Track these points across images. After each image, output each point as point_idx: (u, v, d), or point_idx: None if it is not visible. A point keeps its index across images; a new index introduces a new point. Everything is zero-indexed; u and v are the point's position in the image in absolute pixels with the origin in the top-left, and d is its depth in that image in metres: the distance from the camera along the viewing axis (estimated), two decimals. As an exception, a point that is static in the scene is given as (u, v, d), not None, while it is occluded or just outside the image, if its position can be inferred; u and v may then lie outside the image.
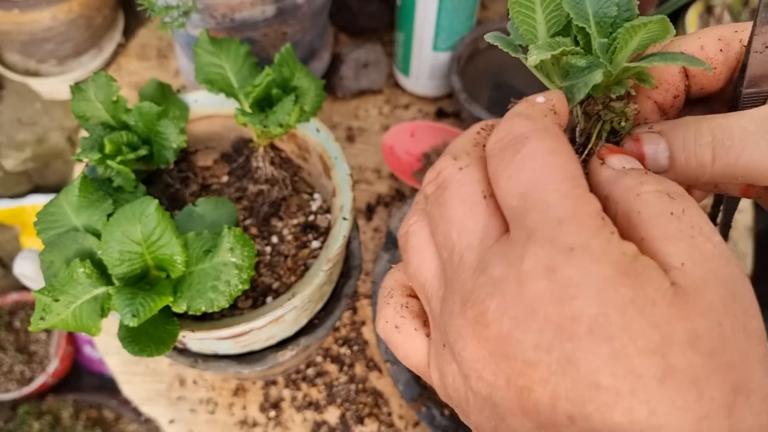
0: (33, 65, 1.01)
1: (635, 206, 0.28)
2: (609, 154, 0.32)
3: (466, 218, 0.29)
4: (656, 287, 0.25)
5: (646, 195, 0.28)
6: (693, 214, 0.27)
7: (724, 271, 0.26)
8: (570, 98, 0.33)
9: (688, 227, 0.27)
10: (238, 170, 0.68)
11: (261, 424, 0.79)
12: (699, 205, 0.29)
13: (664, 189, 0.28)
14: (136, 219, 0.51)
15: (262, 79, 0.61)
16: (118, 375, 0.83)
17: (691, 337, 0.24)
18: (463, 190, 0.30)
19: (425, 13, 0.85)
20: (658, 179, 0.29)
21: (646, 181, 0.29)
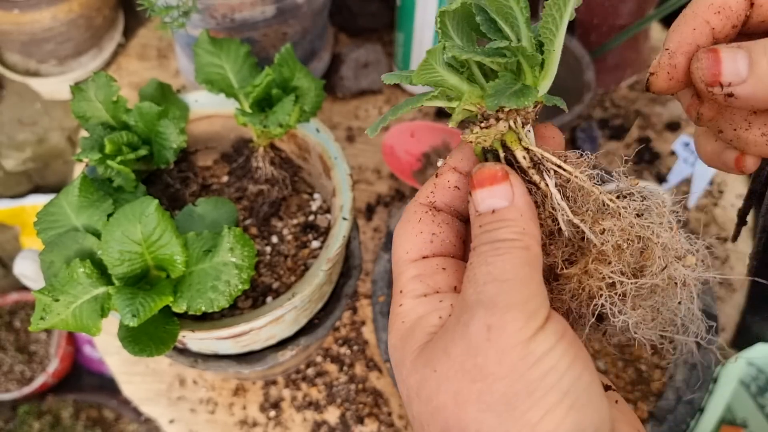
0: (33, 65, 1.01)
1: (469, 257, 0.32)
2: (473, 187, 0.33)
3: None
4: (411, 348, 0.31)
5: (471, 251, 0.31)
6: (476, 264, 0.30)
7: (465, 317, 0.29)
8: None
9: (468, 278, 0.30)
10: (238, 170, 0.68)
11: (261, 424, 0.79)
12: (508, 249, 0.30)
13: (475, 244, 0.31)
14: (136, 219, 0.51)
15: (262, 79, 0.61)
16: (118, 375, 0.83)
17: (417, 387, 0.30)
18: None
19: (425, 13, 0.85)
20: (484, 235, 0.31)
21: (476, 235, 0.32)
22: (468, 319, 0.29)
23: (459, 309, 0.30)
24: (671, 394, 0.72)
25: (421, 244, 0.34)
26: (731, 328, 0.86)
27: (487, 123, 0.34)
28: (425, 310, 0.32)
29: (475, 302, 0.29)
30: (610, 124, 0.97)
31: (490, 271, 0.29)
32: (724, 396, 0.74)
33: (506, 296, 0.28)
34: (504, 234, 0.31)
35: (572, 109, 0.82)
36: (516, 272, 0.29)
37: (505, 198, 0.32)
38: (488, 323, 0.28)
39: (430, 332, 0.31)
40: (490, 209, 0.32)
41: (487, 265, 0.30)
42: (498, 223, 0.31)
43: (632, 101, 1.00)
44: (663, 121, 0.98)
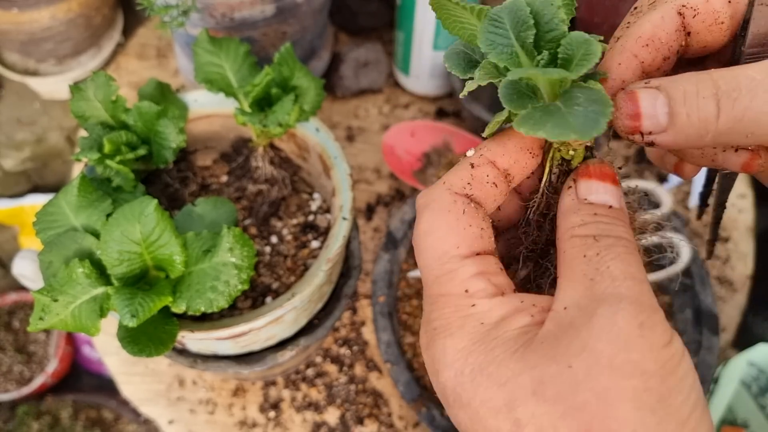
0: (32, 65, 1.01)
1: (564, 245, 0.30)
2: (583, 177, 0.32)
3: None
4: (506, 348, 0.28)
5: (576, 238, 0.30)
6: (606, 257, 0.28)
7: (605, 311, 0.27)
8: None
9: (593, 270, 0.28)
10: (237, 170, 0.68)
11: (260, 424, 0.79)
12: (632, 250, 0.29)
13: (595, 233, 0.29)
14: (135, 219, 0.51)
15: (262, 78, 0.60)
16: (117, 375, 0.83)
17: (535, 386, 0.26)
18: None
19: (425, 12, 0.85)
20: (601, 225, 0.30)
21: (588, 222, 0.30)
22: (611, 312, 0.26)
23: (585, 303, 0.27)
24: (672, 394, 0.72)
25: (472, 239, 0.30)
26: (732, 329, 0.85)
27: (575, 144, 0.32)
28: (507, 310, 0.29)
29: (615, 297, 0.27)
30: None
31: (627, 267, 0.28)
32: (725, 396, 0.73)
33: (648, 297, 0.27)
34: (623, 233, 0.29)
35: (573, 109, 0.82)
36: (645, 276, 0.28)
37: (618, 200, 0.31)
38: (640, 320, 0.26)
39: (526, 333, 0.28)
40: (606, 203, 0.30)
41: (621, 260, 0.28)
42: (617, 220, 0.30)
43: (633, 101, 1.00)
44: (663, 120, 0.98)
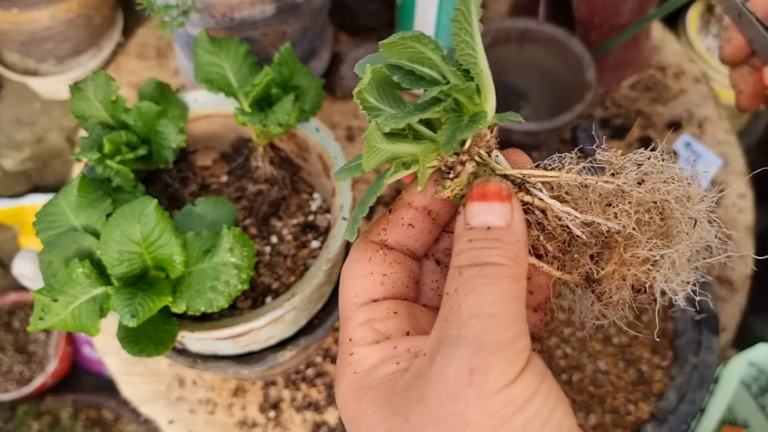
0: (32, 65, 1.01)
1: (448, 277, 0.29)
2: (469, 199, 0.31)
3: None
4: (371, 397, 0.28)
5: (451, 269, 0.29)
6: (461, 293, 0.27)
7: (441, 357, 0.27)
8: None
9: (448, 309, 0.28)
10: (237, 170, 0.68)
11: (260, 424, 0.79)
12: (496, 278, 0.28)
13: (463, 263, 0.29)
14: (135, 219, 0.51)
15: (262, 78, 0.60)
16: (117, 375, 0.83)
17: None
18: None
19: (425, 12, 0.85)
20: (472, 252, 0.29)
21: (463, 251, 0.29)
22: (446, 359, 0.26)
23: (434, 347, 0.27)
24: (672, 394, 0.72)
25: (371, 286, 0.32)
26: (732, 328, 0.85)
27: (456, 171, 0.32)
28: (379, 358, 0.29)
29: (456, 339, 0.26)
30: (611, 124, 0.97)
31: (477, 302, 0.27)
32: (725, 396, 0.73)
33: (493, 334, 0.26)
34: (495, 257, 0.28)
35: (573, 109, 0.82)
36: (505, 306, 0.27)
37: (502, 218, 0.29)
38: (471, 365, 0.25)
39: (389, 381, 0.28)
40: (485, 225, 0.29)
41: (474, 294, 0.27)
42: (492, 242, 0.28)
43: (633, 101, 1.00)
44: (664, 120, 0.98)
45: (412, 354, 0.29)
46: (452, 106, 0.33)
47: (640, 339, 0.77)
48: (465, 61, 0.32)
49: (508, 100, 0.94)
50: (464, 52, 0.32)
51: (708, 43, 1.06)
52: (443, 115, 0.32)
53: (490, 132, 0.33)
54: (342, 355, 0.31)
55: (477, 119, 0.31)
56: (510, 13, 1.06)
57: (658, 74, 1.02)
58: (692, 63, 1.04)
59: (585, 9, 0.91)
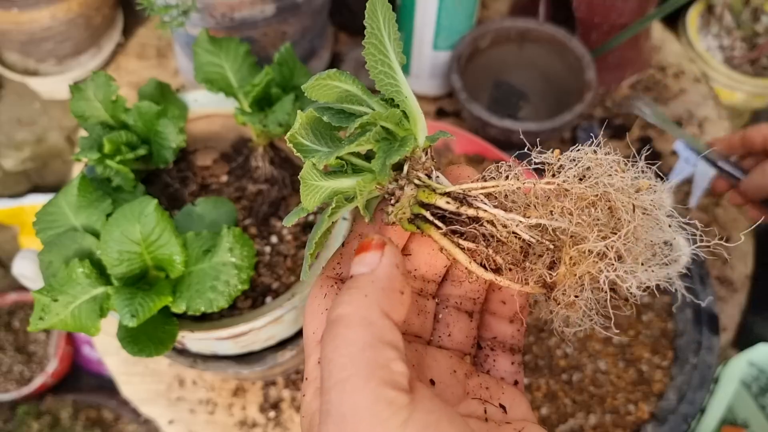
0: (32, 65, 1.01)
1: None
2: (356, 253, 0.31)
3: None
4: None
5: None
6: (323, 363, 0.26)
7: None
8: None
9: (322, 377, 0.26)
10: (237, 170, 0.68)
11: (260, 424, 0.79)
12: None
13: (323, 324, 0.29)
14: (135, 219, 0.51)
15: (262, 78, 0.60)
16: (117, 375, 0.83)
17: None
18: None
19: (425, 12, 0.85)
20: (332, 306, 0.28)
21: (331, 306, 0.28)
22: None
23: (318, 418, 0.26)
24: (672, 394, 0.72)
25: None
26: (732, 328, 0.85)
27: (396, 196, 0.33)
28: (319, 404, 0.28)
29: (325, 414, 0.25)
30: (611, 124, 0.97)
31: (331, 370, 0.25)
32: (726, 396, 0.73)
33: (350, 401, 0.24)
34: (341, 306, 0.27)
35: (573, 109, 0.82)
36: (355, 364, 0.25)
37: (368, 265, 0.29)
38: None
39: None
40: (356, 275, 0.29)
41: (327, 362, 0.26)
42: (344, 291, 0.28)
43: (633, 101, 1.00)
44: (664, 120, 0.98)
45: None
46: (383, 135, 0.33)
47: (641, 339, 0.77)
48: (387, 90, 0.33)
49: (508, 100, 0.94)
50: (384, 82, 0.32)
51: (708, 43, 1.06)
52: (375, 145, 0.33)
53: (425, 154, 0.33)
54: (301, 392, 0.30)
55: (404, 143, 0.32)
56: (510, 12, 1.06)
57: (658, 74, 1.02)
58: (692, 63, 1.04)
59: (585, 9, 0.90)
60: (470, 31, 0.90)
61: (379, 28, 0.32)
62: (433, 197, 0.32)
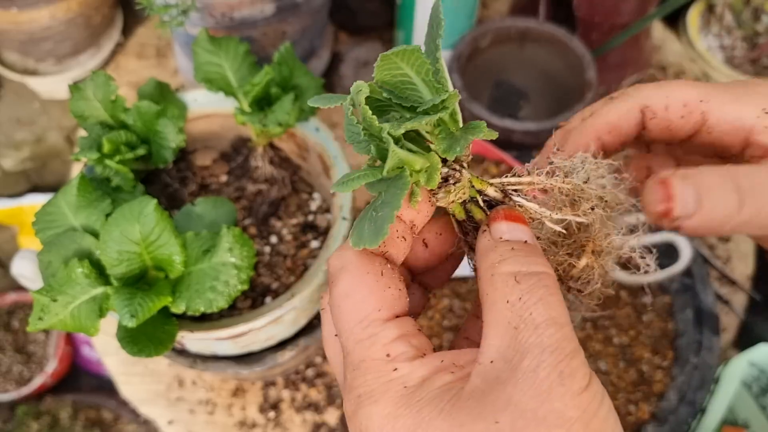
0: (31, 64, 1.00)
1: (486, 287, 0.30)
2: (494, 220, 0.33)
3: (331, 355, 0.34)
4: (433, 407, 0.28)
5: (497, 276, 0.30)
6: (528, 302, 0.29)
7: (529, 363, 0.28)
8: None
9: (517, 317, 0.29)
10: (237, 170, 0.68)
11: (260, 424, 0.78)
12: (553, 289, 0.29)
13: (516, 270, 0.30)
14: (134, 219, 0.51)
15: (262, 77, 0.60)
16: (116, 375, 0.82)
17: None
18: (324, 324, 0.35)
19: (425, 11, 0.85)
20: (519, 258, 0.30)
21: (506, 259, 0.30)
22: (535, 364, 0.27)
23: (511, 355, 0.28)
24: (673, 394, 0.72)
25: (392, 301, 0.31)
26: (733, 329, 0.85)
27: (455, 177, 0.34)
28: (429, 371, 0.29)
29: (536, 346, 0.28)
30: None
31: (549, 312, 0.28)
32: (726, 396, 0.73)
33: (568, 342, 0.28)
34: (543, 266, 0.30)
35: (573, 108, 0.82)
36: (567, 317, 0.29)
37: (528, 236, 0.32)
38: (560, 369, 0.27)
39: (450, 390, 0.28)
40: (521, 239, 0.31)
41: (543, 304, 0.28)
42: (534, 254, 0.31)
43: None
44: (664, 120, 0.98)
45: (461, 365, 0.30)
46: (438, 123, 0.34)
47: (641, 339, 0.77)
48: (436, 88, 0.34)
49: (509, 99, 0.94)
50: (433, 84, 0.34)
51: (708, 43, 1.06)
52: (433, 129, 0.34)
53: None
54: (375, 374, 0.29)
55: (474, 127, 0.33)
56: (510, 12, 1.06)
57: (658, 74, 1.02)
58: (693, 62, 1.04)
59: (585, 8, 0.90)
60: (470, 31, 0.90)
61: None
62: (485, 185, 0.35)
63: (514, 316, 0.29)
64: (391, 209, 0.31)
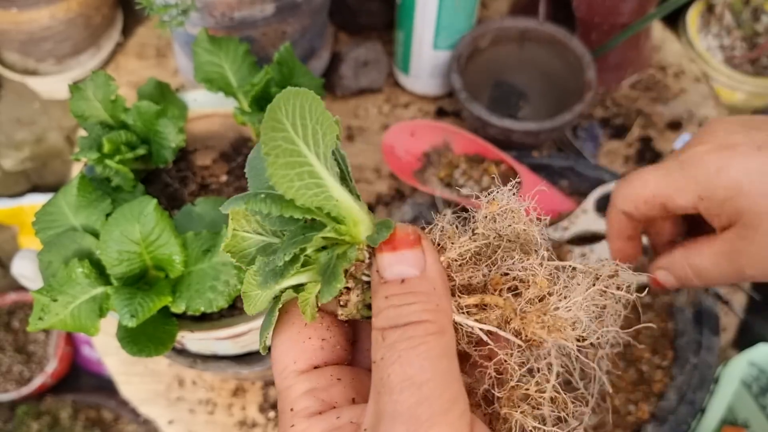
0: (31, 64, 1.01)
1: (372, 342, 0.28)
2: (379, 250, 0.28)
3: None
4: None
5: (373, 332, 0.27)
6: (388, 361, 0.26)
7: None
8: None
9: (378, 380, 0.26)
10: (237, 169, 0.68)
11: (260, 424, 0.78)
12: (421, 339, 0.26)
13: (383, 326, 0.27)
14: (134, 218, 0.51)
15: (261, 77, 0.60)
16: (116, 375, 0.82)
17: None
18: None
19: (425, 11, 0.85)
20: (390, 310, 0.27)
21: (381, 310, 0.27)
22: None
23: (372, 422, 0.26)
24: (673, 394, 0.72)
25: (310, 352, 0.30)
26: (733, 328, 0.85)
27: (344, 301, 0.30)
28: (321, 429, 0.28)
29: (392, 415, 0.25)
30: (611, 123, 0.97)
31: (405, 371, 0.25)
32: (726, 396, 0.73)
33: (428, 406, 0.25)
34: (416, 314, 0.26)
35: (573, 108, 0.82)
36: (434, 369, 0.25)
37: (415, 265, 0.27)
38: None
39: None
40: (399, 278, 0.27)
41: (401, 362, 0.25)
42: (408, 296, 0.27)
43: (633, 100, 0.99)
44: (664, 120, 0.98)
45: (355, 425, 0.28)
46: (321, 245, 0.30)
47: (641, 339, 0.77)
48: (313, 201, 0.28)
49: (508, 99, 0.94)
50: (307, 196, 0.28)
51: (708, 43, 1.06)
52: (315, 255, 0.30)
53: (368, 252, 0.30)
54: (282, 426, 0.29)
55: (343, 258, 0.29)
56: (510, 12, 1.06)
57: (658, 74, 1.02)
58: (692, 62, 1.04)
59: (585, 8, 0.90)
60: (470, 31, 0.90)
61: (287, 128, 0.27)
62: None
63: (377, 379, 0.26)
64: (261, 336, 0.30)
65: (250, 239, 0.31)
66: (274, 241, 0.30)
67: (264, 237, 0.31)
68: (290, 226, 0.29)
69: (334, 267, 0.28)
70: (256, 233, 0.31)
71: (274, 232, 0.31)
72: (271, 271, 0.28)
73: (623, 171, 0.93)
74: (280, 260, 0.27)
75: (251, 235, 0.31)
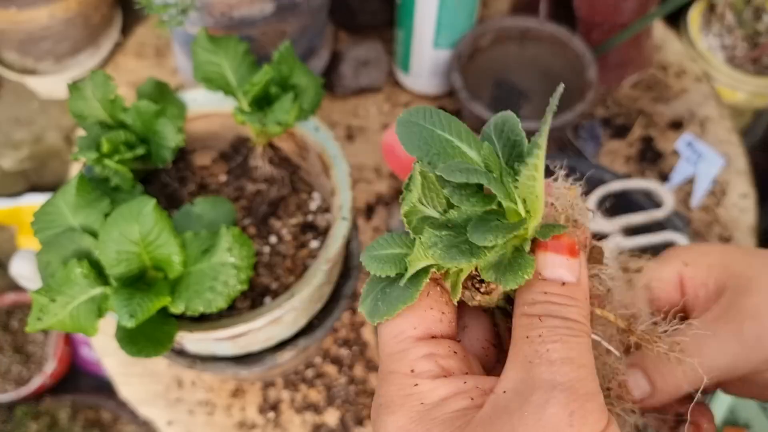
0: (30, 64, 1.00)
1: (515, 323, 0.30)
2: (538, 249, 0.31)
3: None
4: (442, 429, 0.28)
5: (524, 317, 0.30)
6: (547, 339, 0.28)
7: (538, 398, 0.27)
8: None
9: (533, 352, 0.28)
10: (236, 169, 0.68)
11: (260, 425, 0.78)
12: (578, 332, 0.29)
13: (541, 313, 0.29)
14: (133, 218, 0.51)
15: (261, 77, 0.60)
16: (115, 376, 0.82)
17: None
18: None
19: (426, 10, 0.85)
20: (549, 303, 0.29)
21: (537, 302, 0.30)
22: (543, 400, 0.27)
23: (520, 386, 0.28)
24: (674, 395, 0.72)
25: (430, 322, 0.31)
26: (734, 329, 0.85)
27: (488, 288, 0.32)
28: (448, 391, 0.29)
29: (549, 382, 0.27)
30: (612, 123, 0.97)
31: (567, 352, 0.28)
32: (727, 397, 0.73)
33: (585, 383, 0.27)
34: (574, 314, 0.29)
35: (574, 108, 0.81)
36: (588, 360, 0.28)
37: (573, 274, 0.30)
38: (571, 409, 0.26)
39: (463, 415, 0.29)
40: (560, 280, 0.30)
41: (562, 343, 0.28)
42: (568, 299, 0.30)
43: (634, 100, 0.99)
44: (666, 119, 0.98)
45: (481, 391, 0.29)
46: (497, 216, 0.31)
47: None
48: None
49: (509, 99, 0.94)
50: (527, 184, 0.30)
51: (710, 42, 1.06)
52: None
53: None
54: (397, 386, 0.30)
55: (523, 248, 0.30)
56: (511, 11, 1.06)
57: (659, 73, 1.02)
58: (694, 62, 1.04)
59: (586, 8, 0.90)
60: (471, 30, 0.89)
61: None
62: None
63: (530, 351, 0.28)
64: (402, 302, 0.30)
65: (422, 211, 0.32)
66: (433, 215, 0.31)
67: (426, 209, 0.32)
68: (464, 203, 0.30)
69: (513, 257, 0.30)
70: (420, 203, 0.32)
71: (434, 206, 0.31)
72: (456, 248, 0.29)
73: (624, 171, 0.92)
74: (480, 242, 0.28)
75: (423, 207, 0.32)
